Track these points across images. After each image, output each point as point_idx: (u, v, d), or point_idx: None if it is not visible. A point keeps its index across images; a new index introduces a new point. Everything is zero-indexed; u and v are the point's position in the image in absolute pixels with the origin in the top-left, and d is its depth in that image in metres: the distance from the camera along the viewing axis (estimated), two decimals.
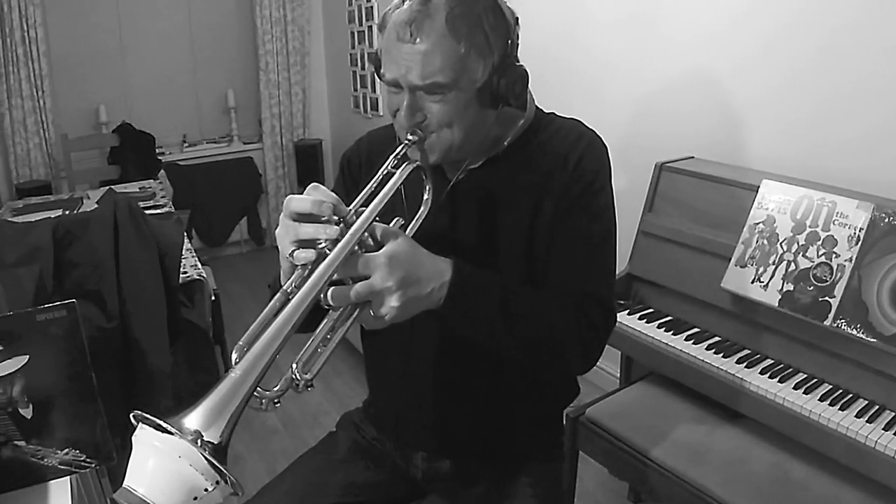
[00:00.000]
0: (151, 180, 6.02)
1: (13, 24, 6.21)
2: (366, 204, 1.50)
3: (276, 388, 1.29)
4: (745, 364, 2.61)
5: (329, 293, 1.37)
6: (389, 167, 1.61)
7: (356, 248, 1.43)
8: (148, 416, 1.13)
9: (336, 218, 1.43)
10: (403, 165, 1.63)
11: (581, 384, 2.11)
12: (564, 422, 2.19)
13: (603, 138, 1.80)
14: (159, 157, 7.00)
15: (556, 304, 1.67)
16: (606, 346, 1.77)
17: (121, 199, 3.15)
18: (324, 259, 1.38)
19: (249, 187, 7.54)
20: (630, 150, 3.81)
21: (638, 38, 3.86)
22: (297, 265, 1.42)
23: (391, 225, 1.53)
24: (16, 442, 1.79)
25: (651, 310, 3.04)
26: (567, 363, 1.74)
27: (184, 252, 3.57)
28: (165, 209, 4.92)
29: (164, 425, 1.11)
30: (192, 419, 1.14)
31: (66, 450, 1.85)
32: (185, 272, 3.58)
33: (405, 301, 1.43)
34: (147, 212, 3.38)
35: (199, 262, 3.88)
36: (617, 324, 1.80)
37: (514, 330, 1.61)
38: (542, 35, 4.30)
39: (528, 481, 1.98)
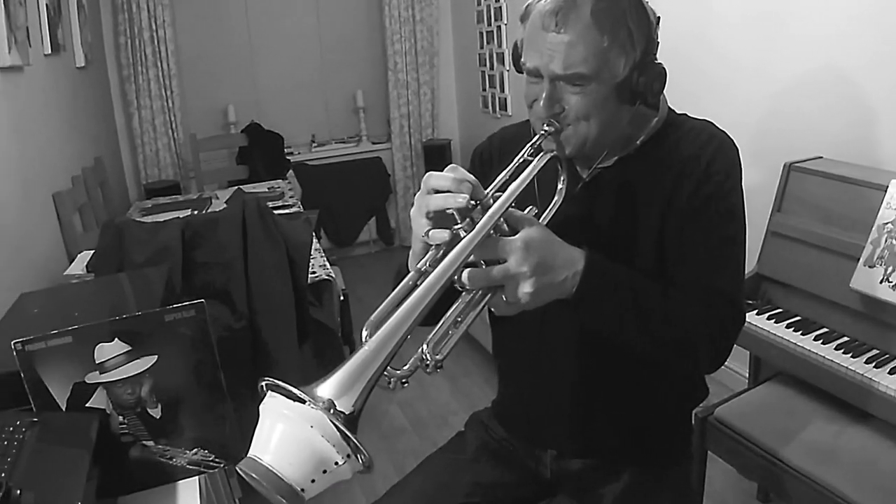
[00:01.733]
0: (280, 180, 6.08)
1: (142, 25, 6.37)
2: (501, 190, 1.49)
3: (405, 368, 1.28)
4: (873, 364, 2.56)
5: (465, 274, 1.37)
6: (526, 156, 1.61)
7: (492, 232, 1.42)
8: (279, 382, 1.12)
9: (472, 201, 1.41)
10: (540, 154, 1.63)
11: (709, 384, 2.09)
12: (693, 422, 2.19)
13: (734, 140, 1.77)
14: (288, 157, 7.09)
15: (686, 301, 1.65)
16: (735, 346, 1.73)
17: (249, 199, 3.18)
18: (459, 241, 1.38)
19: (378, 187, 7.57)
20: (758, 149, 3.75)
21: (766, 36, 3.80)
22: (430, 246, 1.42)
23: (526, 212, 1.53)
24: (144, 442, 1.81)
25: (780, 310, 3.01)
26: (696, 360, 1.71)
27: (312, 252, 3.59)
28: (294, 209, 4.96)
29: (296, 392, 1.09)
30: (325, 388, 1.12)
31: (195, 450, 1.86)
32: (314, 272, 3.59)
33: (538, 287, 1.42)
34: (276, 212, 3.40)
35: (328, 262, 3.90)
36: (745, 323, 1.77)
37: (644, 324, 1.59)
38: (671, 35, 4.18)
39: (657, 481, 1.96)
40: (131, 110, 6.58)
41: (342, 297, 4.03)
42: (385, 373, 1.23)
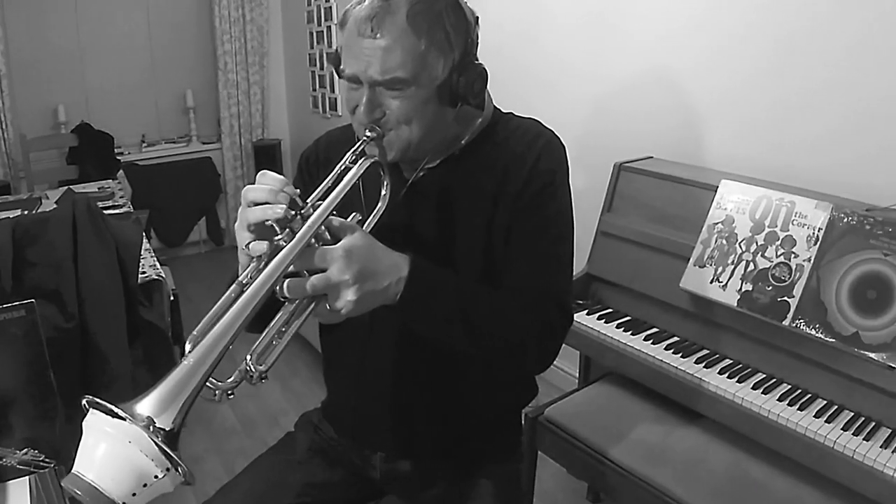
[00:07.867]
0: (110, 180, 5.94)
1: None
2: (323, 198, 1.49)
3: (229, 380, 1.29)
4: (703, 364, 2.61)
5: (285, 285, 1.37)
6: (347, 163, 1.61)
7: (312, 241, 1.42)
8: (100, 401, 1.13)
9: (291, 211, 1.42)
10: (361, 160, 1.62)
11: (540, 384, 2.11)
12: (523, 422, 2.19)
13: (561, 138, 1.80)
14: (118, 157, 6.92)
15: (513, 303, 1.68)
16: (565, 346, 1.77)
17: (80, 199, 3.13)
18: (280, 251, 1.38)
19: (208, 187, 7.49)
20: (588, 149, 3.81)
21: (596, 38, 3.87)
22: (253, 258, 1.42)
23: (348, 220, 1.54)
24: None
25: (610, 310, 3.03)
26: (523, 362, 1.74)
27: (142, 252, 3.56)
28: (124, 209, 4.87)
29: (116, 410, 1.11)
30: (145, 405, 1.14)
31: (25, 450, 1.84)
32: (144, 272, 3.56)
33: (361, 295, 1.43)
34: (106, 212, 3.36)
35: (158, 262, 3.85)
36: (576, 324, 1.80)
37: (470, 327, 1.61)
38: (501, 34, 4.31)
39: (486, 481, 1.98)
40: None
41: (172, 297, 3.99)
42: (210, 385, 1.25)
